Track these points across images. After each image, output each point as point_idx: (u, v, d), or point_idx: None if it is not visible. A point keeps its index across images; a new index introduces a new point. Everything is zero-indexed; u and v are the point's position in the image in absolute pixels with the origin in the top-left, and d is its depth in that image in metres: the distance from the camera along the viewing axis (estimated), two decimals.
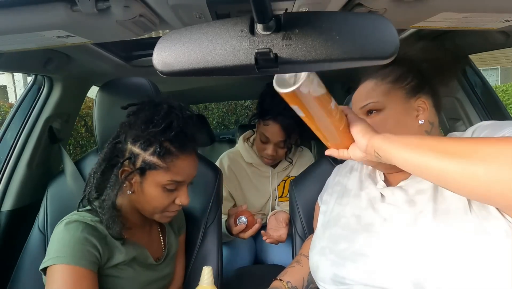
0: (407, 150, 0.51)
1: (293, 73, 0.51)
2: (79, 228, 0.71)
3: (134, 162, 0.73)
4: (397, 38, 0.40)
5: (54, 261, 0.68)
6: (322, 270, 0.71)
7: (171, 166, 0.74)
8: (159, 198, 0.76)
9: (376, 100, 0.72)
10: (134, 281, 0.78)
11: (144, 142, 0.73)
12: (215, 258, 1.00)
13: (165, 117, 0.74)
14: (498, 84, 8.54)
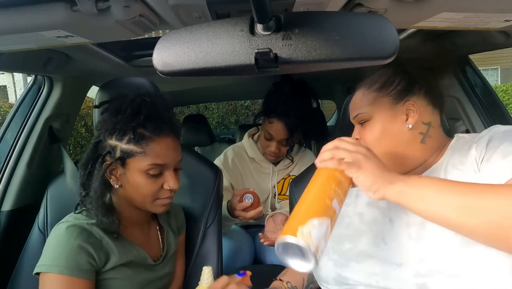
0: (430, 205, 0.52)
1: (298, 254, 0.49)
2: (73, 234, 0.71)
3: (113, 154, 0.74)
4: (397, 38, 0.40)
5: (48, 268, 0.69)
6: (325, 270, 0.71)
7: (148, 149, 0.73)
8: (145, 185, 0.75)
9: (363, 111, 0.73)
10: (132, 281, 0.78)
11: (118, 132, 0.73)
12: (215, 258, 1.00)
13: (132, 103, 0.75)
14: (498, 84, 8.54)
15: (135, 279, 0.79)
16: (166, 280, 0.88)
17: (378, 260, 0.64)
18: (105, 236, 0.75)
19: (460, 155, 0.66)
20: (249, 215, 1.16)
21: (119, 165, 0.75)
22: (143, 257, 0.81)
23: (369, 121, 0.72)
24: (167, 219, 0.93)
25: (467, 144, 0.66)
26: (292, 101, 1.29)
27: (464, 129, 1.15)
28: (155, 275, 0.84)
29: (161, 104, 0.79)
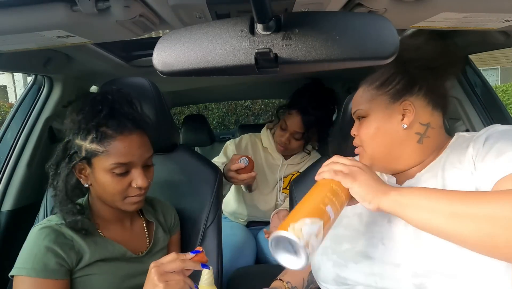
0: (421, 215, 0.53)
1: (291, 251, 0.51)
2: (41, 236, 0.72)
3: (80, 154, 0.74)
4: (397, 38, 0.40)
5: (20, 271, 0.70)
6: (324, 271, 0.71)
7: (111, 148, 0.72)
8: (111, 183, 0.74)
9: (361, 108, 0.74)
10: (112, 275, 0.78)
11: (82, 132, 0.73)
12: (215, 258, 1.00)
13: (93, 101, 0.74)
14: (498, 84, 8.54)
15: (115, 273, 0.79)
16: None
17: (377, 261, 0.64)
18: (76, 236, 0.75)
19: (458, 153, 0.66)
20: (241, 178, 1.18)
21: (86, 164, 0.75)
22: (121, 251, 0.80)
23: (366, 118, 0.74)
24: (155, 214, 0.92)
25: (466, 142, 0.66)
26: (315, 101, 1.37)
27: (464, 129, 1.15)
28: (141, 267, 0.83)
29: (124, 101, 0.78)
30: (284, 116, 1.42)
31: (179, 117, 4.42)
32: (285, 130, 1.41)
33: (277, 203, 1.48)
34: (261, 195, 1.48)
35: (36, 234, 0.73)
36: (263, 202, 1.49)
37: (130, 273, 0.81)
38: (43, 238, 0.72)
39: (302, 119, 1.37)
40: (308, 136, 1.43)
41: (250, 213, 1.52)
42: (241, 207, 1.52)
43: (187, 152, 1.12)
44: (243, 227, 1.55)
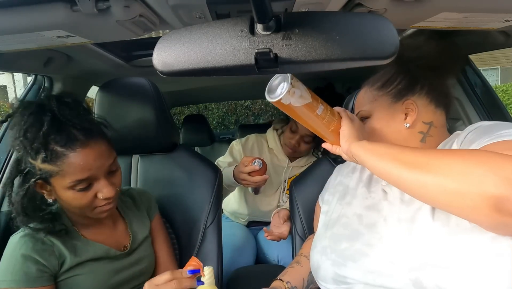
0: (374, 159, 0.58)
1: (281, 82, 0.60)
2: (18, 245, 0.71)
3: (34, 173, 0.68)
4: (397, 38, 0.40)
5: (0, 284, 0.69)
6: (323, 270, 0.71)
7: (65, 167, 0.66)
8: (75, 199, 0.70)
9: (364, 109, 0.75)
10: (98, 274, 0.78)
11: (30, 151, 0.66)
12: (215, 258, 1.00)
13: (34, 117, 0.67)
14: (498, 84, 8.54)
15: (101, 271, 0.79)
16: (143, 264, 0.88)
17: (374, 258, 0.64)
18: (55, 240, 0.74)
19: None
20: (255, 180, 1.19)
21: (44, 183, 0.69)
22: (103, 250, 0.80)
23: (369, 119, 0.74)
24: (129, 208, 0.92)
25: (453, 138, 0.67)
26: None
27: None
28: (126, 262, 0.84)
29: (67, 110, 0.69)
30: None
31: (179, 117, 4.42)
32: (295, 133, 1.40)
33: (279, 204, 1.48)
34: (264, 196, 1.48)
35: (14, 244, 0.72)
36: (265, 203, 1.48)
37: (115, 269, 0.82)
38: (20, 247, 0.70)
39: None
40: (318, 141, 1.42)
41: (251, 213, 1.52)
42: (242, 207, 1.52)
43: (187, 152, 1.12)
44: (243, 227, 1.56)
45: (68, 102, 0.71)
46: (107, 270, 0.80)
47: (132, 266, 0.85)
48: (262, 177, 1.19)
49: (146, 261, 0.89)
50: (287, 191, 1.49)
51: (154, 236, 0.94)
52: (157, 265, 0.93)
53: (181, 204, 1.05)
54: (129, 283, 0.85)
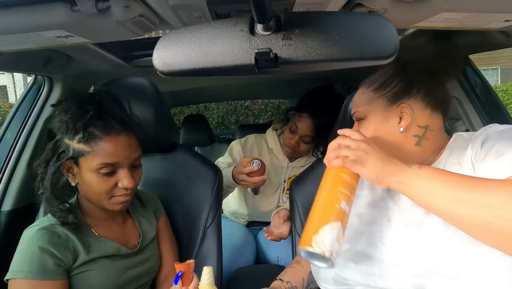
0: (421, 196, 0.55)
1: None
2: (35, 237, 0.72)
3: (67, 153, 0.74)
4: (397, 38, 0.40)
5: (15, 274, 0.70)
6: (324, 271, 0.71)
7: (97, 148, 0.73)
8: (97, 183, 0.75)
9: (359, 110, 0.74)
10: (110, 270, 0.79)
11: (70, 131, 0.73)
12: (215, 258, 1.00)
13: (81, 102, 0.75)
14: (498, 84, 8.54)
15: (111, 268, 0.80)
16: (149, 264, 0.89)
17: (376, 261, 0.64)
18: (71, 235, 0.75)
19: (457, 154, 0.65)
20: (253, 180, 1.19)
21: (73, 164, 0.75)
22: (115, 248, 0.81)
23: (364, 120, 0.74)
24: (137, 209, 0.93)
25: (465, 143, 0.66)
26: (326, 105, 1.35)
27: (464, 129, 1.14)
28: (135, 260, 0.85)
29: (112, 102, 0.79)
30: (294, 118, 1.41)
31: (179, 117, 4.42)
32: (295, 133, 1.40)
33: (279, 204, 1.48)
34: (264, 196, 1.48)
35: (30, 236, 0.73)
36: (265, 203, 1.48)
37: (125, 267, 0.83)
38: (37, 239, 0.72)
39: (314, 122, 1.35)
40: (318, 141, 1.42)
41: (251, 213, 1.52)
42: (242, 207, 1.52)
43: (187, 152, 1.12)
44: (243, 227, 1.56)
45: (113, 96, 0.81)
46: (117, 268, 0.81)
47: (140, 265, 0.86)
48: (260, 177, 1.19)
49: (152, 260, 0.90)
50: (287, 191, 1.49)
51: (160, 236, 0.95)
52: (161, 265, 0.94)
53: (181, 204, 1.05)
54: (136, 281, 0.86)
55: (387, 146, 0.69)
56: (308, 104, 1.38)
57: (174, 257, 0.96)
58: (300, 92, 1.53)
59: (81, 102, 0.75)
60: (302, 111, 1.37)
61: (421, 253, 0.59)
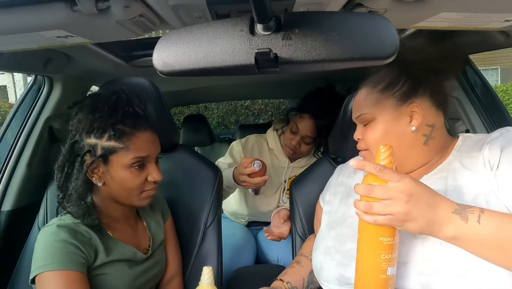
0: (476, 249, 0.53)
1: None
2: (60, 233, 0.71)
3: (94, 153, 0.74)
4: (397, 38, 0.40)
5: (42, 268, 0.68)
6: (326, 270, 0.70)
7: (130, 144, 0.75)
8: (130, 178, 0.77)
9: (367, 112, 0.72)
10: (125, 274, 0.79)
11: (97, 131, 0.74)
12: (215, 258, 1.00)
13: (108, 101, 0.76)
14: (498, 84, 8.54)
15: (127, 272, 0.80)
16: (158, 268, 0.89)
17: None
18: (93, 234, 0.75)
19: (470, 155, 0.65)
20: (255, 181, 1.19)
21: (101, 163, 0.75)
22: (131, 253, 0.81)
23: (372, 122, 0.72)
24: (146, 211, 0.93)
25: (478, 144, 0.66)
26: (327, 106, 1.34)
27: (464, 129, 1.14)
28: (147, 265, 0.85)
29: (137, 101, 0.81)
30: (295, 119, 1.41)
31: (179, 117, 4.42)
32: (296, 134, 1.39)
33: (279, 204, 1.48)
34: (264, 197, 1.48)
35: (51, 232, 0.72)
36: (265, 204, 1.48)
37: (138, 272, 0.83)
38: (63, 234, 0.71)
39: (315, 123, 1.35)
40: (319, 141, 1.42)
41: (251, 214, 1.52)
42: (242, 207, 1.52)
43: (187, 152, 1.12)
44: (243, 227, 1.56)
45: (137, 95, 0.82)
46: (133, 273, 0.81)
47: (150, 269, 0.87)
48: (261, 178, 1.19)
49: (161, 264, 0.91)
50: (287, 191, 1.49)
51: (166, 239, 0.95)
52: (165, 268, 0.94)
53: (181, 204, 1.05)
54: (145, 286, 0.86)
55: (397, 146, 0.68)
56: (309, 105, 1.37)
57: (178, 260, 0.97)
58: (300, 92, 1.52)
59: (109, 102, 0.76)
60: (303, 112, 1.37)
61: (428, 251, 0.59)
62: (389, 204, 0.53)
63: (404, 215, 0.52)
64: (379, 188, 0.54)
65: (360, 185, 0.56)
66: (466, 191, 0.61)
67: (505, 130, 0.65)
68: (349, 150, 0.98)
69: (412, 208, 0.52)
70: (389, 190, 0.53)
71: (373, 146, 0.71)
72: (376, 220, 0.53)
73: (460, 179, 0.64)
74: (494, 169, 0.60)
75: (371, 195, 0.54)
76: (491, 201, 0.58)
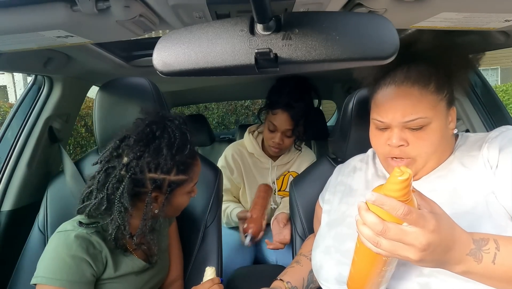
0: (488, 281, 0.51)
1: None
2: (73, 245, 0.71)
3: (160, 188, 0.76)
4: (397, 38, 0.40)
5: (48, 281, 0.68)
6: (326, 269, 0.70)
7: (192, 174, 0.81)
8: (185, 202, 0.84)
9: (425, 116, 0.63)
10: (130, 284, 0.79)
11: (164, 167, 0.74)
12: (215, 258, 1.00)
13: (173, 137, 0.75)
14: (498, 84, 8.53)
15: (133, 282, 0.80)
16: (161, 274, 0.90)
17: None
18: (105, 247, 0.75)
19: (469, 154, 0.65)
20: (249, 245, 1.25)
21: (163, 193, 0.77)
22: (140, 266, 0.81)
23: (427, 126, 0.64)
24: None
25: (477, 143, 0.66)
26: (295, 94, 1.35)
27: (464, 129, 1.15)
28: (152, 272, 0.86)
29: (186, 128, 0.80)
30: (269, 117, 1.40)
31: None
32: (275, 132, 1.39)
33: (272, 206, 1.48)
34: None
35: (65, 242, 0.71)
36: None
37: (145, 280, 0.83)
38: (75, 248, 0.70)
39: (289, 115, 1.34)
40: (298, 131, 1.42)
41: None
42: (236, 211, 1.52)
43: None
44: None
45: (184, 120, 0.81)
46: (139, 281, 0.82)
47: (155, 276, 0.87)
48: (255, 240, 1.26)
49: (164, 270, 0.91)
50: (278, 192, 1.48)
51: (170, 243, 0.96)
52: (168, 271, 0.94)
53: None
54: None
55: (443, 151, 0.67)
56: (278, 99, 1.36)
57: (180, 264, 0.97)
58: None
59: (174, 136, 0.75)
60: (274, 108, 1.36)
61: None
62: (400, 248, 0.46)
63: (414, 261, 0.47)
64: (394, 229, 0.45)
65: (370, 216, 0.47)
66: (466, 191, 0.62)
67: (504, 129, 0.65)
68: (349, 150, 0.98)
69: (425, 257, 0.46)
70: (406, 234, 0.45)
71: (425, 153, 0.66)
72: (381, 253, 0.48)
73: (460, 179, 0.64)
74: (493, 168, 0.60)
75: (384, 235, 0.46)
76: (491, 200, 0.58)
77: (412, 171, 0.63)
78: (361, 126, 0.89)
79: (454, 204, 0.61)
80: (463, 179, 0.63)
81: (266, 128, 1.42)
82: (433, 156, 0.67)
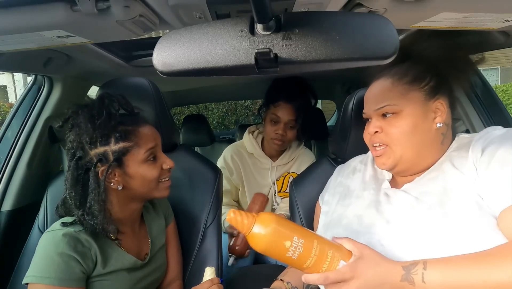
0: None
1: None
2: (61, 243, 0.71)
3: (106, 160, 0.74)
4: (397, 38, 0.40)
5: (38, 279, 0.68)
6: None
7: (138, 140, 0.77)
8: (149, 171, 0.79)
9: (393, 103, 0.68)
10: (122, 281, 0.79)
11: (101, 138, 0.73)
12: (215, 258, 1.00)
13: (102, 106, 0.75)
14: (498, 84, 8.54)
15: (126, 280, 0.79)
16: (158, 273, 0.89)
17: None
18: (94, 244, 0.74)
19: (460, 155, 0.65)
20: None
21: (116, 167, 0.75)
22: (131, 261, 0.81)
23: (397, 114, 0.69)
24: (149, 213, 0.93)
25: (467, 145, 0.66)
26: (295, 90, 1.38)
27: (464, 129, 1.15)
28: (147, 270, 0.85)
29: (126, 101, 0.82)
30: (271, 111, 1.40)
31: (179, 117, 4.42)
32: (278, 123, 1.39)
33: (274, 208, 1.48)
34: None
35: (56, 241, 0.71)
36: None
37: (138, 278, 0.83)
38: (63, 246, 0.71)
39: (292, 106, 1.36)
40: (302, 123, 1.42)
41: None
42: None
43: (187, 152, 1.12)
44: None
45: (121, 95, 0.81)
46: (131, 279, 0.81)
47: (150, 274, 0.86)
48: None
49: (161, 269, 0.90)
50: (279, 193, 1.48)
51: (168, 242, 0.95)
52: (166, 271, 0.94)
53: (181, 204, 1.05)
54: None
55: (421, 144, 0.68)
56: (278, 94, 1.39)
57: (179, 264, 0.96)
58: None
59: (104, 107, 0.75)
60: (276, 102, 1.38)
61: (418, 252, 0.60)
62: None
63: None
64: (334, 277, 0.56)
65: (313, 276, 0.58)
66: (456, 192, 0.62)
67: (490, 130, 0.65)
68: (349, 150, 0.98)
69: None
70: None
71: (396, 141, 0.69)
72: None
73: (450, 180, 0.64)
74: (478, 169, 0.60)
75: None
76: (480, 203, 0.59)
77: (391, 160, 0.69)
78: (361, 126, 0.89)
79: (445, 205, 0.61)
80: (454, 180, 0.63)
81: (268, 122, 1.42)
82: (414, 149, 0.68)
